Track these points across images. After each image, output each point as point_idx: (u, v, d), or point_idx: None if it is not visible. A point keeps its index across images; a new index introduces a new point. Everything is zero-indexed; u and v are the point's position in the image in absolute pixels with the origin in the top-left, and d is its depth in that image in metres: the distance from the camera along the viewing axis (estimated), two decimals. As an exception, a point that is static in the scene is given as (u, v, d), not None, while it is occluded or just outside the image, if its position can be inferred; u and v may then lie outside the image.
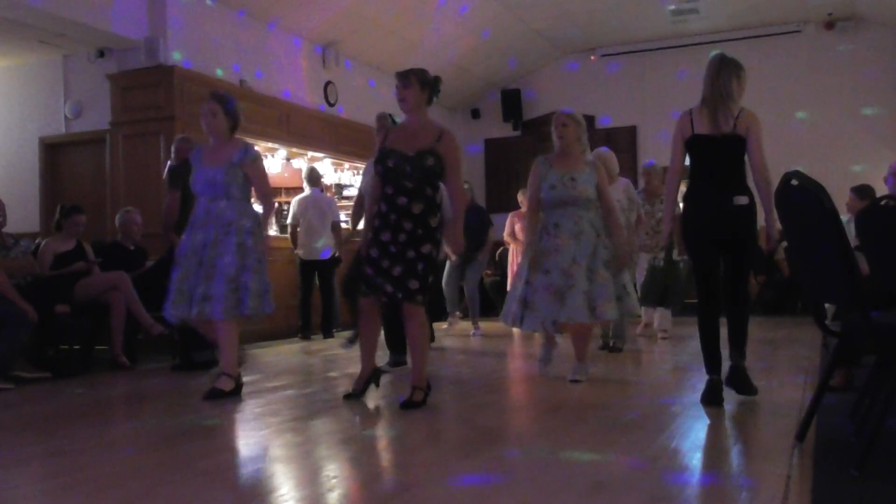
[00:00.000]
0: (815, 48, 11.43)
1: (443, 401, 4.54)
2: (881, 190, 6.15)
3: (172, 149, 6.52)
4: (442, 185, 4.34)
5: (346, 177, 11.14)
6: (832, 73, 11.27)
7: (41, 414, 4.54)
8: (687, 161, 4.23)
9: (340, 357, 6.70)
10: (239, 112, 4.82)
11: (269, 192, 4.94)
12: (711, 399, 4.07)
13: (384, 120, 5.81)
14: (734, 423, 3.78)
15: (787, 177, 2.96)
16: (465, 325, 8.76)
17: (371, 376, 4.53)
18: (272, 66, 9.30)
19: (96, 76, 8.27)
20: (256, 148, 4.93)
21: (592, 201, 5.04)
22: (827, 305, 4.54)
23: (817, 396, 3.25)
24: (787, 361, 5.66)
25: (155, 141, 7.86)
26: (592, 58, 12.52)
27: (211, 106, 4.71)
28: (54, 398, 5.00)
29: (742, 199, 4.05)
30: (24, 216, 8.49)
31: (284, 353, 7.04)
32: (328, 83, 10.24)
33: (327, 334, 8.49)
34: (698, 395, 4.20)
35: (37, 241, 6.68)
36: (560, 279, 4.86)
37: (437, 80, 4.36)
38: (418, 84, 4.26)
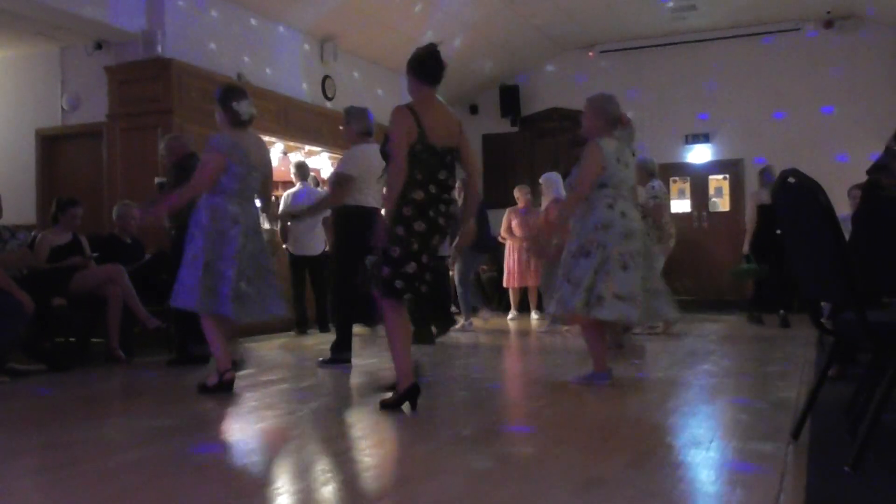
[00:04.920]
0: (814, 46, 11.43)
1: (442, 397, 4.54)
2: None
3: (164, 148, 6.18)
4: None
5: (344, 171, 11.08)
6: (831, 72, 11.28)
7: (36, 407, 4.53)
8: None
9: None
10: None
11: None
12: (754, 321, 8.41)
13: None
14: (728, 421, 3.79)
15: (785, 174, 2.96)
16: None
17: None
18: (270, 59, 9.28)
19: (94, 69, 8.25)
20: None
21: None
22: (823, 303, 4.58)
23: (813, 394, 3.26)
24: (782, 359, 5.67)
25: (152, 134, 7.83)
26: (591, 54, 12.51)
27: None
28: (50, 391, 5.00)
29: None
30: (21, 209, 8.46)
31: (280, 347, 7.03)
32: (326, 77, 10.22)
33: (324, 328, 8.49)
34: (691, 394, 4.53)
35: (33, 233, 6.67)
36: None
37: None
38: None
